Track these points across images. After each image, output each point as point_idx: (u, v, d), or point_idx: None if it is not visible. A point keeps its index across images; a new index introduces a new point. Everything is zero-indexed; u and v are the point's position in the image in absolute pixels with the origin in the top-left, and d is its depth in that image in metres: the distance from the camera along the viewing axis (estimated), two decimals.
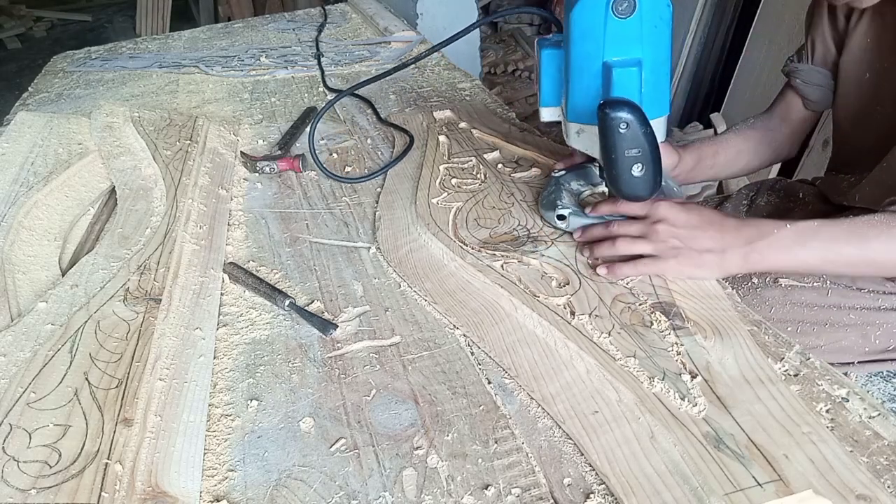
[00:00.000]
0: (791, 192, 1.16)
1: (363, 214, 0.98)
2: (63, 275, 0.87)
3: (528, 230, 0.88)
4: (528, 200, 0.94)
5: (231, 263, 0.87)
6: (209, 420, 0.64)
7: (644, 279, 0.76)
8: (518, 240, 0.86)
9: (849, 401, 0.59)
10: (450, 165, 1.07)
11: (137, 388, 0.66)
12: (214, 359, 0.72)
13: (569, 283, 0.77)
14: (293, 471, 0.59)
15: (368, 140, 1.22)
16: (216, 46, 1.87)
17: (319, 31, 1.92)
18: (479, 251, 0.83)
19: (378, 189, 1.04)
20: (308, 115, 1.32)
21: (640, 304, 0.72)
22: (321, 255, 0.89)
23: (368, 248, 0.90)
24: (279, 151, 1.16)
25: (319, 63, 1.63)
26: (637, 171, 0.73)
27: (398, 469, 0.58)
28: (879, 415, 0.57)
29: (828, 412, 0.58)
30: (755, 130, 1.09)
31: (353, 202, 1.02)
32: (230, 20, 2.80)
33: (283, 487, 0.57)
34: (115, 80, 1.65)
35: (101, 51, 1.93)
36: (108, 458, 0.59)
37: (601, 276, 0.77)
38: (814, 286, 0.92)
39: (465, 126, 1.19)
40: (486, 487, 0.55)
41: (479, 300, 0.77)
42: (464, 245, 0.85)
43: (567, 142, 0.84)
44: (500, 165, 1.05)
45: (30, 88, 1.66)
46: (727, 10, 2.56)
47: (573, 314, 0.71)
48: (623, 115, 0.69)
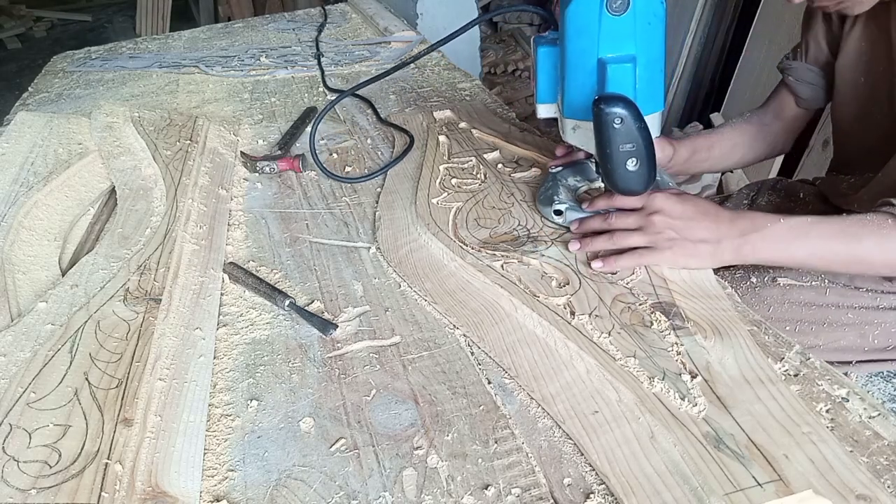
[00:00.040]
0: (791, 192, 1.17)
1: (363, 214, 0.98)
2: (63, 275, 0.87)
3: (528, 230, 0.88)
4: (528, 200, 0.94)
5: (231, 263, 0.87)
6: (209, 420, 0.64)
7: (644, 279, 0.76)
8: (518, 240, 0.86)
9: (849, 401, 0.59)
10: (450, 165, 1.07)
11: (137, 388, 0.66)
12: (214, 359, 0.72)
13: (569, 283, 0.77)
14: (293, 471, 0.59)
15: (368, 140, 1.22)
16: (216, 46, 1.87)
17: (319, 31, 1.92)
18: (479, 251, 0.83)
19: (378, 189, 1.04)
20: (308, 115, 1.32)
21: (640, 304, 0.72)
22: (321, 255, 0.89)
23: (368, 248, 0.90)
24: (279, 151, 1.16)
25: (319, 63, 1.63)
26: (632, 166, 0.73)
27: (398, 469, 0.58)
28: (879, 415, 0.57)
29: (828, 412, 0.58)
30: (750, 125, 1.10)
31: (353, 202, 1.02)
32: (230, 20, 2.80)
33: (283, 487, 0.57)
34: (115, 80, 1.65)
35: (101, 51, 1.93)
36: (108, 458, 0.59)
37: (596, 270, 0.77)
38: (812, 285, 0.92)
39: (465, 126, 1.19)
40: (486, 487, 0.55)
41: (479, 300, 0.77)
42: (464, 245, 0.85)
43: (563, 138, 0.84)
44: (500, 165, 1.05)
45: (30, 88, 1.66)
46: (727, 10, 2.56)
47: (573, 314, 0.71)
48: (617, 111, 0.70)
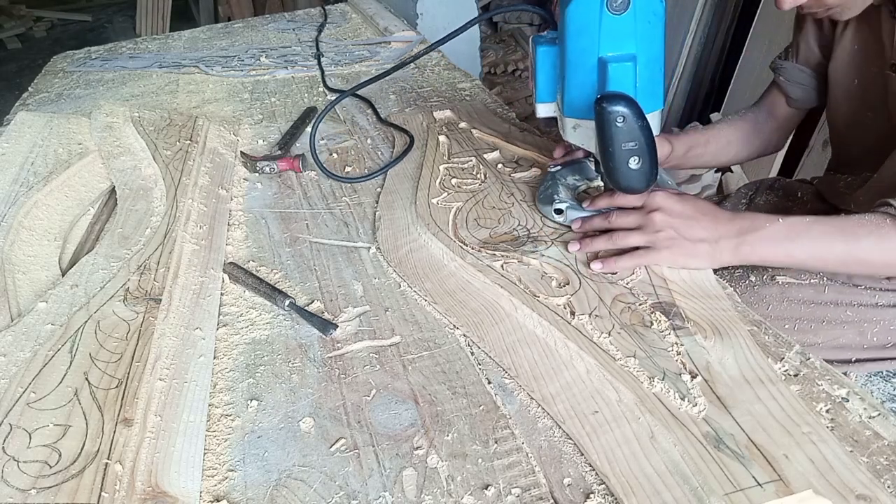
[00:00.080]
0: (790, 192, 1.18)
1: (363, 214, 0.98)
2: (63, 275, 0.87)
3: (528, 230, 0.88)
4: (528, 200, 0.94)
5: (231, 263, 0.87)
6: (209, 420, 0.64)
7: (644, 279, 0.76)
8: (518, 240, 0.86)
9: (849, 401, 0.59)
10: (450, 165, 1.07)
11: (137, 388, 0.66)
12: (214, 359, 0.72)
13: (569, 283, 0.77)
14: (293, 471, 0.59)
15: (368, 140, 1.22)
16: (216, 46, 1.87)
17: (319, 31, 1.92)
18: (479, 251, 0.83)
19: (378, 189, 1.04)
20: (308, 115, 1.32)
21: (640, 304, 0.72)
22: (321, 255, 0.89)
23: (368, 248, 0.90)
24: (279, 151, 1.16)
25: (319, 63, 1.63)
26: (634, 164, 0.73)
27: (398, 469, 0.58)
28: (879, 415, 0.57)
29: (828, 412, 0.58)
30: (745, 122, 1.12)
31: (353, 202, 1.02)
32: (230, 20, 2.80)
33: (283, 487, 0.57)
34: (115, 80, 1.65)
35: (101, 51, 1.93)
36: (108, 458, 0.59)
37: (595, 271, 0.77)
38: (811, 283, 0.93)
39: (465, 126, 1.19)
40: (486, 487, 0.55)
41: (479, 300, 0.77)
42: (464, 245, 0.85)
43: (563, 137, 0.84)
44: (500, 165, 1.05)
45: (30, 88, 1.66)
46: (727, 10, 2.56)
47: (573, 314, 0.71)
48: (619, 109, 0.70)
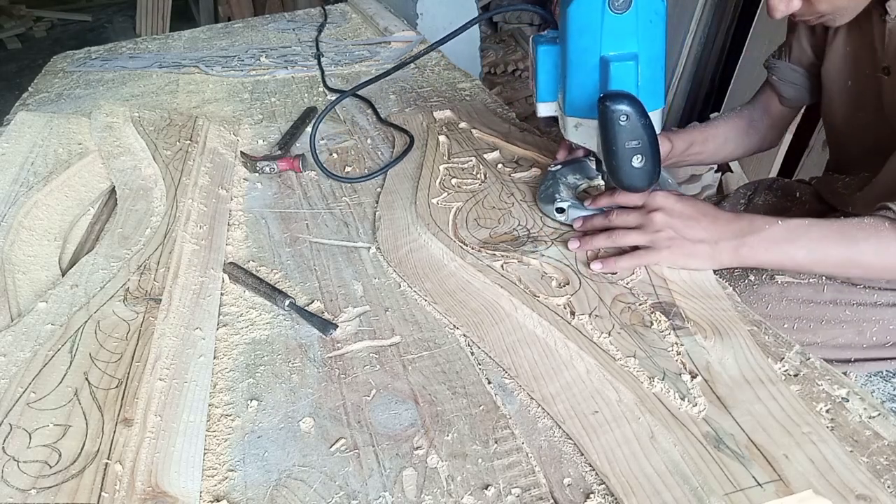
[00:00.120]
0: (788, 192, 1.18)
1: (363, 214, 0.98)
2: (63, 275, 0.87)
3: (528, 230, 0.88)
4: (528, 200, 0.94)
5: (231, 263, 0.87)
6: (209, 420, 0.64)
7: (644, 279, 0.76)
8: (518, 240, 0.86)
9: (849, 401, 0.59)
10: (450, 165, 1.07)
11: (137, 388, 0.66)
12: (214, 359, 0.72)
13: (569, 283, 0.77)
14: (293, 471, 0.59)
15: (368, 140, 1.22)
16: (216, 46, 1.87)
17: (319, 31, 1.92)
18: (479, 251, 0.83)
19: (378, 189, 1.04)
20: (308, 115, 1.32)
21: (640, 304, 0.72)
22: (321, 255, 0.89)
23: (368, 248, 0.90)
24: (279, 151, 1.16)
25: (319, 63, 1.63)
26: (637, 163, 0.73)
27: (398, 469, 0.58)
28: (879, 415, 0.57)
29: (828, 412, 0.58)
30: (741, 119, 1.13)
31: (353, 202, 1.02)
32: (230, 20, 2.80)
33: (283, 487, 0.57)
34: (115, 80, 1.65)
35: (101, 51, 1.93)
36: (108, 458, 0.59)
37: (595, 271, 0.77)
38: (809, 282, 0.93)
39: (465, 126, 1.19)
40: (486, 487, 0.55)
41: (479, 300, 0.77)
42: (464, 245, 0.85)
43: (565, 136, 0.84)
44: (500, 165, 1.05)
45: (30, 88, 1.66)
46: (727, 10, 2.56)
47: (573, 314, 0.71)
48: (623, 108, 0.70)
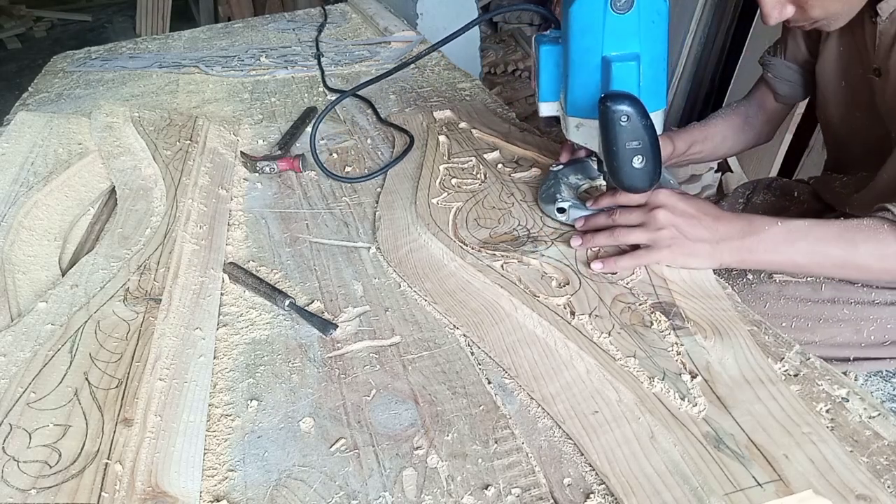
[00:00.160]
0: (787, 191, 1.19)
1: (363, 214, 0.98)
2: (63, 275, 0.87)
3: (528, 230, 0.88)
4: (528, 200, 0.94)
5: (231, 263, 0.87)
6: (209, 420, 0.64)
7: (644, 279, 0.76)
8: (518, 240, 0.86)
9: (849, 401, 0.59)
10: (450, 165, 1.07)
11: (137, 388, 0.66)
12: (214, 359, 0.72)
13: (569, 283, 0.77)
14: (293, 471, 0.59)
15: (368, 140, 1.22)
16: (216, 46, 1.87)
17: (319, 31, 1.92)
18: (479, 251, 0.83)
19: (378, 189, 1.04)
20: (308, 115, 1.32)
21: (640, 304, 0.72)
22: (321, 255, 0.89)
23: (368, 248, 0.90)
24: (279, 151, 1.16)
25: (319, 63, 1.63)
26: (637, 163, 0.73)
27: (398, 469, 0.58)
28: (879, 415, 0.57)
29: (828, 412, 0.58)
30: (737, 116, 1.14)
31: (353, 202, 1.02)
32: (230, 20, 2.80)
33: (283, 487, 0.57)
34: (115, 80, 1.65)
35: (101, 51, 1.93)
36: (108, 458, 0.59)
37: (596, 271, 0.77)
38: (808, 281, 0.93)
39: (465, 126, 1.19)
40: (486, 487, 0.55)
41: (479, 300, 0.77)
42: (464, 245, 0.85)
43: (566, 136, 0.84)
44: (500, 165, 1.05)
45: (30, 88, 1.66)
46: (727, 10, 2.56)
47: (573, 314, 0.71)
48: (624, 108, 0.70)
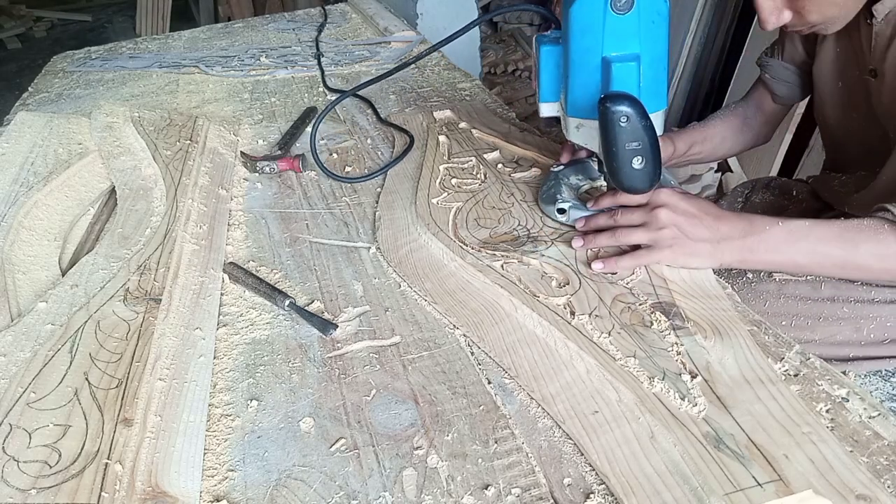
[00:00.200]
0: (785, 190, 1.20)
1: (363, 214, 0.98)
2: (63, 275, 0.87)
3: (528, 230, 0.88)
4: (528, 200, 0.94)
5: (231, 263, 0.87)
6: (209, 420, 0.64)
7: (644, 279, 0.76)
8: (518, 240, 0.86)
9: (849, 401, 0.59)
10: (450, 165, 1.07)
11: (137, 388, 0.66)
12: (214, 359, 0.72)
13: (569, 283, 0.77)
14: (293, 471, 0.59)
15: (368, 140, 1.22)
16: (216, 46, 1.87)
17: (319, 31, 1.92)
18: (479, 251, 0.83)
19: (378, 189, 1.04)
20: (308, 115, 1.32)
21: (640, 304, 0.72)
22: (321, 255, 0.89)
23: (368, 248, 0.90)
24: (279, 151, 1.16)
25: (319, 63, 1.63)
26: (637, 164, 0.73)
27: (398, 469, 0.58)
28: (879, 415, 0.57)
29: (828, 412, 0.58)
30: (736, 117, 1.14)
31: (353, 202, 1.02)
32: (230, 20, 2.80)
33: (283, 487, 0.57)
34: (115, 80, 1.65)
35: (101, 51, 1.93)
36: (108, 458, 0.59)
37: (596, 271, 0.77)
38: (807, 279, 0.94)
39: (465, 126, 1.19)
40: (486, 487, 0.55)
41: (479, 300, 0.77)
42: (464, 245, 0.85)
43: (566, 136, 0.84)
44: (500, 165, 1.05)
45: (30, 88, 1.66)
46: (727, 10, 2.56)
47: (573, 314, 0.71)
48: (623, 109, 0.70)
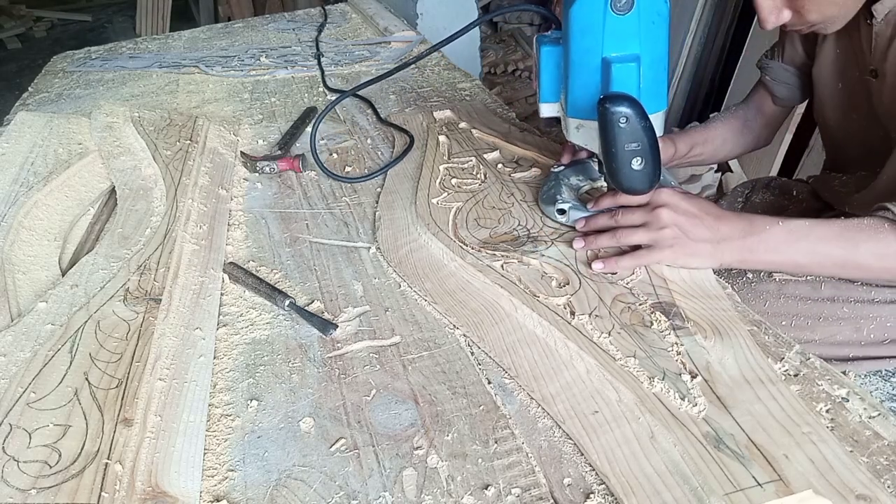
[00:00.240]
0: (785, 190, 1.20)
1: (363, 214, 0.98)
2: (63, 275, 0.87)
3: (528, 230, 0.88)
4: (528, 200, 0.94)
5: (231, 263, 0.87)
6: (209, 420, 0.64)
7: (644, 279, 0.76)
8: (518, 240, 0.86)
9: (849, 401, 0.59)
10: (450, 165, 1.07)
11: (137, 388, 0.66)
12: (214, 359, 0.72)
13: (569, 283, 0.77)
14: (293, 471, 0.59)
15: (368, 140, 1.22)
16: (216, 46, 1.87)
17: (319, 31, 1.92)
18: (479, 251, 0.83)
19: (378, 189, 1.04)
20: (308, 115, 1.32)
21: (640, 304, 0.72)
22: (321, 255, 0.89)
23: (368, 248, 0.90)
24: (279, 151, 1.16)
25: (319, 63, 1.63)
26: (637, 165, 0.73)
27: (398, 469, 0.58)
28: (879, 415, 0.57)
29: (828, 412, 0.58)
30: (736, 120, 1.14)
31: (353, 202, 1.02)
32: (230, 20, 2.80)
33: (283, 487, 0.57)
34: (115, 80, 1.65)
35: (101, 51, 1.93)
36: (108, 458, 0.59)
37: (596, 271, 0.77)
38: (807, 279, 0.94)
39: (465, 126, 1.19)
40: (486, 487, 0.55)
41: (479, 300, 0.77)
42: (464, 245, 0.85)
43: (566, 137, 0.84)
44: (500, 165, 1.05)
45: (30, 88, 1.66)
46: (727, 10, 2.56)
47: (573, 314, 0.71)
48: (623, 110, 0.70)
